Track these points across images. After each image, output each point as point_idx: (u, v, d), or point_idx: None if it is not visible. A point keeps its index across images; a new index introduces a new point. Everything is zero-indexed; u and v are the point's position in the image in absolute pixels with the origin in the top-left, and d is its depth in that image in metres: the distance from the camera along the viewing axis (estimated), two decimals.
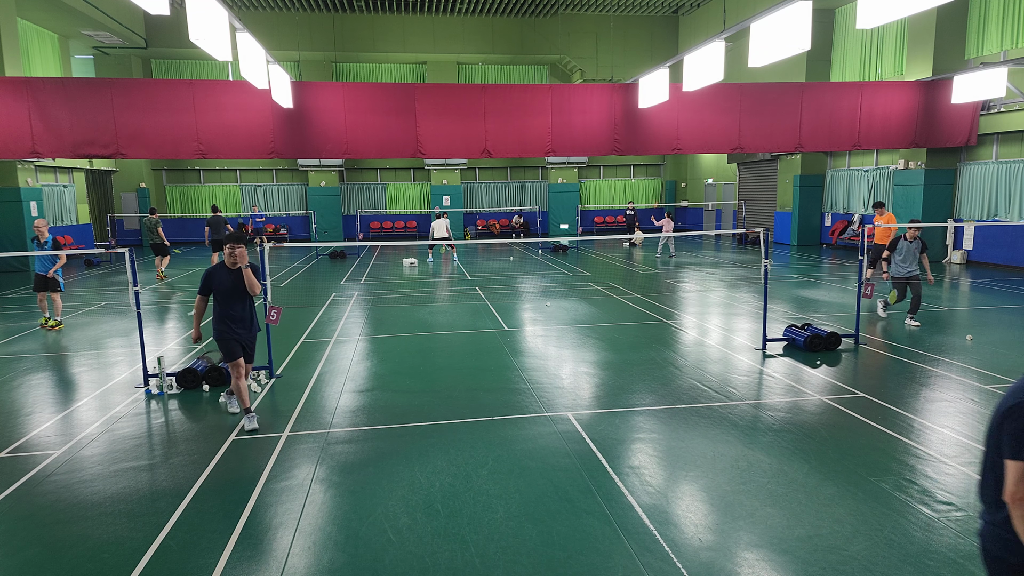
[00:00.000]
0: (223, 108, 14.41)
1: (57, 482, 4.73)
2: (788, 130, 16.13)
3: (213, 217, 17.05)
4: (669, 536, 3.84)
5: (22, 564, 3.70)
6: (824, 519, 3.99)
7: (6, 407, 6.45)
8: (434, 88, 15.70)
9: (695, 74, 12.95)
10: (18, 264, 17.76)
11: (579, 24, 26.35)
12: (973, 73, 14.49)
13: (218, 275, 5.70)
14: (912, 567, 3.48)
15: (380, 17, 25.25)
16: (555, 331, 9.43)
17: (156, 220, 16.01)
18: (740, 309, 11.03)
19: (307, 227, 28.28)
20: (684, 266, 17.22)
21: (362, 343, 8.86)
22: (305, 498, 4.41)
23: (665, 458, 4.99)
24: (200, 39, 8.66)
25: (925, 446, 5.09)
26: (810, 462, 4.82)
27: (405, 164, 28.91)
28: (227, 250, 5.65)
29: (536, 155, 16.09)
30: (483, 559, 3.65)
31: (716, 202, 27.76)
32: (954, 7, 15.94)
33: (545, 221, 29.95)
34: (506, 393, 6.59)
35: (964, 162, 16.83)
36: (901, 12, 7.71)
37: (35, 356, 8.41)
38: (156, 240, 15.85)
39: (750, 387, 6.74)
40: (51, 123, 13.87)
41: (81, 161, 22.59)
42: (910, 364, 7.42)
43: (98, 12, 19.77)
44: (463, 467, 4.84)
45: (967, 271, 15.24)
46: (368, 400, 6.47)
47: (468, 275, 15.94)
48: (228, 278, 5.67)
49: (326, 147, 15.12)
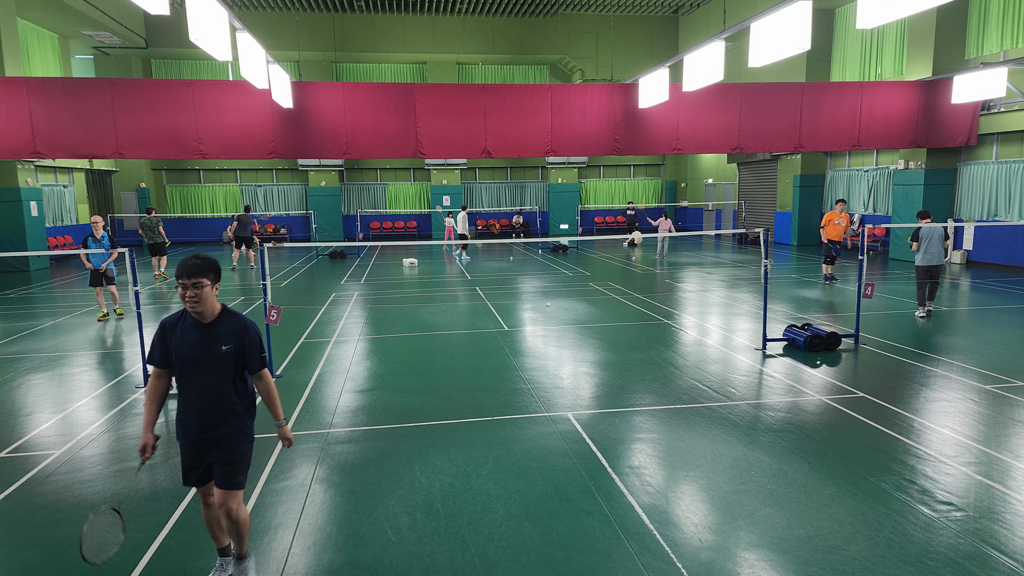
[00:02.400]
0: (223, 108, 14.42)
1: (57, 482, 4.73)
2: (788, 130, 16.13)
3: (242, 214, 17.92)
4: (669, 536, 3.84)
5: (22, 564, 3.70)
6: (824, 519, 3.99)
7: (6, 407, 6.45)
8: (434, 88, 15.70)
9: (695, 74, 12.95)
10: (18, 264, 17.77)
11: (579, 24, 26.36)
12: (973, 73, 14.49)
13: (179, 332, 3.22)
14: (912, 567, 3.48)
15: (380, 17, 25.25)
16: (555, 331, 9.43)
17: (157, 219, 16.01)
18: (740, 309, 11.03)
19: (307, 227, 28.28)
20: (684, 266, 17.22)
21: (362, 343, 8.86)
22: (305, 498, 4.41)
23: (665, 458, 4.99)
24: (200, 39, 8.66)
25: (925, 446, 5.09)
26: (810, 462, 4.81)
27: (405, 164, 28.91)
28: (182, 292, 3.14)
29: (536, 155, 16.10)
30: (483, 559, 3.65)
31: (716, 202, 27.75)
32: (954, 7, 15.93)
33: (545, 221, 29.96)
34: (506, 393, 6.59)
35: (964, 162, 16.83)
36: (901, 12, 7.71)
37: (35, 356, 8.41)
38: (157, 239, 15.85)
39: (750, 387, 6.74)
40: (51, 123, 13.88)
41: (81, 161, 22.60)
42: (910, 364, 7.42)
43: (98, 12, 19.77)
44: (463, 467, 4.84)
45: (967, 271, 15.24)
46: (368, 400, 6.47)
47: (468, 275, 15.94)
48: (194, 336, 3.20)
49: (326, 147, 15.13)
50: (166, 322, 3.27)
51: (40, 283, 15.58)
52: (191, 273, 3.12)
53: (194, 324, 3.21)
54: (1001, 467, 4.69)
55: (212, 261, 3.19)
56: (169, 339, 3.22)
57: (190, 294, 3.11)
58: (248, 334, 3.25)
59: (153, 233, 15.85)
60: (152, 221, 15.90)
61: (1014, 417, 5.68)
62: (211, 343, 3.18)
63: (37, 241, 18.15)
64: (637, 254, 20.46)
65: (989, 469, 4.65)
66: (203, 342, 3.18)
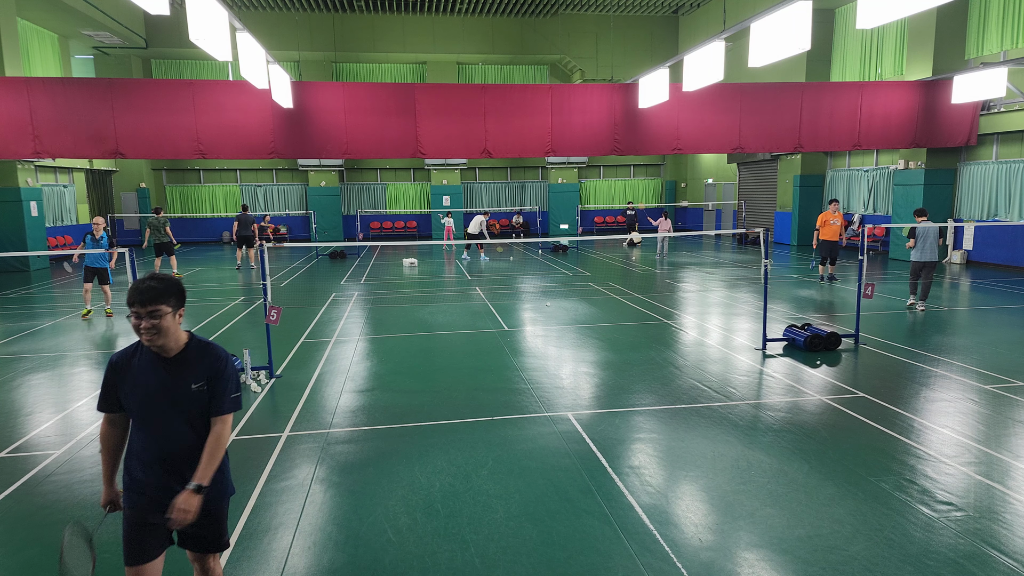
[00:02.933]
0: (223, 108, 14.42)
1: (57, 482, 4.73)
2: (788, 130, 16.14)
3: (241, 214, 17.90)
4: (669, 536, 3.84)
5: (22, 564, 3.70)
6: (824, 519, 3.99)
7: (6, 407, 6.45)
8: (434, 88, 15.71)
9: (695, 74, 12.95)
10: (18, 264, 17.77)
11: (579, 24, 26.36)
12: (973, 73, 14.49)
13: (134, 369, 2.61)
14: (912, 567, 3.48)
15: (380, 17, 25.25)
16: (555, 331, 9.43)
17: (164, 219, 15.95)
18: (740, 309, 11.03)
19: (307, 227, 28.29)
20: (684, 266, 17.22)
21: (362, 343, 8.86)
22: (305, 498, 4.41)
23: (665, 458, 4.99)
24: (200, 39, 8.66)
25: (925, 446, 5.09)
26: (810, 462, 4.82)
27: (405, 164, 28.92)
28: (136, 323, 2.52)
29: (536, 155, 16.10)
30: (483, 559, 3.65)
31: (716, 202, 27.76)
32: (954, 7, 15.94)
33: (545, 221, 29.96)
34: (506, 393, 6.59)
35: (964, 162, 16.83)
36: (901, 12, 7.71)
37: (35, 356, 8.41)
38: (164, 239, 15.79)
39: (750, 387, 6.74)
40: (51, 123, 13.88)
41: (81, 161, 22.60)
42: (910, 364, 7.42)
43: (98, 12, 19.77)
44: (463, 467, 4.84)
45: (967, 271, 15.24)
46: (368, 400, 6.47)
47: (468, 275, 15.94)
48: (155, 374, 2.58)
49: (326, 147, 15.13)
50: (116, 360, 2.63)
51: (40, 283, 15.58)
52: (146, 299, 2.47)
53: (154, 359, 2.58)
54: (1001, 467, 4.69)
55: (172, 283, 2.55)
56: (122, 379, 2.60)
57: (146, 325, 2.48)
58: (224, 368, 2.64)
59: (160, 233, 15.80)
60: (160, 221, 15.83)
61: (1014, 417, 5.68)
62: (178, 381, 2.57)
63: (37, 241, 18.15)
64: (637, 254, 20.46)
65: (989, 469, 4.65)
66: (167, 381, 2.56)
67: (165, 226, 15.87)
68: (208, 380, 2.61)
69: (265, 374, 7.27)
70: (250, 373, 7.02)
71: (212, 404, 2.62)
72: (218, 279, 15.93)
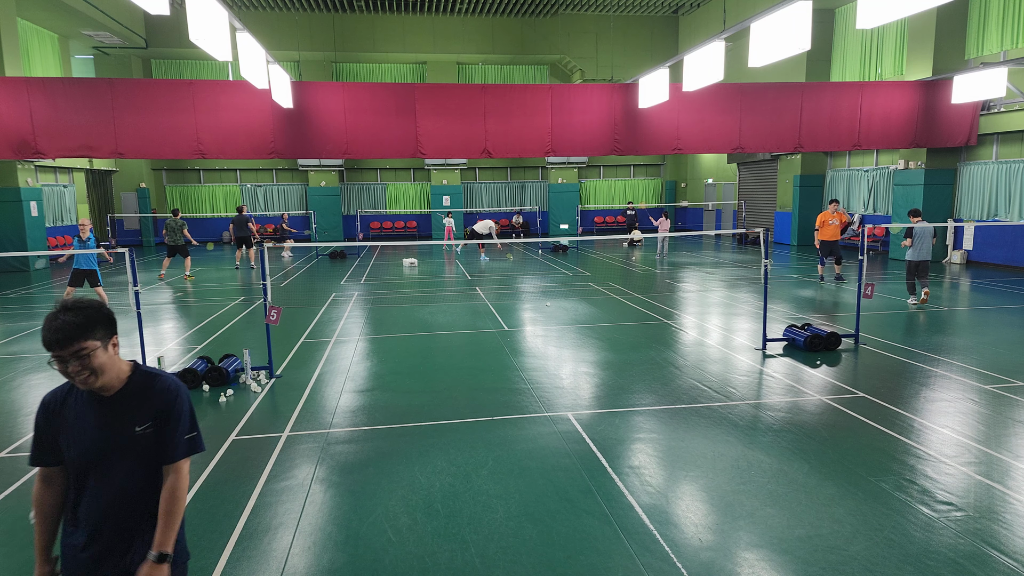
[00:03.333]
0: (223, 108, 14.42)
1: None
2: (788, 130, 16.14)
3: (238, 215, 17.78)
4: (669, 536, 3.84)
5: (22, 564, 3.70)
6: (824, 519, 3.99)
7: (6, 407, 6.45)
8: (434, 88, 15.70)
9: (695, 74, 12.95)
10: (18, 264, 17.77)
11: (579, 24, 26.36)
12: (973, 73, 14.49)
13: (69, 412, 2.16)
14: (912, 567, 3.48)
15: (380, 17, 25.25)
16: (555, 331, 9.43)
17: (182, 222, 15.98)
18: (740, 309, 11.03)
19: (307, 227, 28.28)
20: (684, 266, 17.22)
21: (362, 343, 8.86)
22: (305, 498, 4.41)
23: (665, 458, 4.99)
24: (200, 39, 8.66)
25: (925, 446, 5.09)
26: (810, 462, 4.82)
27: (405, 164, 28.92)
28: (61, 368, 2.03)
29: (536, 155, 16.10)
30: (483, 559, 3.65)
31: (716, 202, 27.76)
32: (954, 7, 15.94)
33: (545, 221, 29.96)
34: (506, 393, 6.59)
35: (964, 162, 16.83)
36: (901, 12, 7.71)
37: (35, 356, 8.41)
38: (180, 241, 15.78)
39: (750, 387, 6.74)
40: (51, 123, 13.88)
41: (81, 161, 22.60)
42: (910, 364, 7.42)
43: (98, 12, 19.77)
44: (463, 467, 4.84)
45: (967, 271, 15.24)
46: (368, 400, 6.47)
47: (468, 275, 15.94)
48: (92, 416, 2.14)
49: (326, 147, 15.13)
50: (49, 400, 2.17)
51: (40, 283, 15.58)
52: (64, 339, 1.98)
53: (89, 399, 2.14)
54: (1001, 467, 4.69)
55: (93, 310, 2.06)
56: (56, 424, 2.14)
57: (74, 369, 2.01)
58: (173, 404, 2.18)
59: (177, 235, 15.79)
60: (178, 223, 15.83)
61: (1014, 417, 5.68)
62: (119, 424, 2.12)
63: (37, 241, 18.15)
64: (637, 254, 20.46)
65: (989, 469, 4.65)
66: (107, 423, 2.12)
67: (183, 228, 15.89)
68: (155, 420, 2.15)
69: (265, 374, 7.28)
70: (250, 373, 7.03)
71: (161, 450, 2.16)
72: (218, 279, 15.93)
